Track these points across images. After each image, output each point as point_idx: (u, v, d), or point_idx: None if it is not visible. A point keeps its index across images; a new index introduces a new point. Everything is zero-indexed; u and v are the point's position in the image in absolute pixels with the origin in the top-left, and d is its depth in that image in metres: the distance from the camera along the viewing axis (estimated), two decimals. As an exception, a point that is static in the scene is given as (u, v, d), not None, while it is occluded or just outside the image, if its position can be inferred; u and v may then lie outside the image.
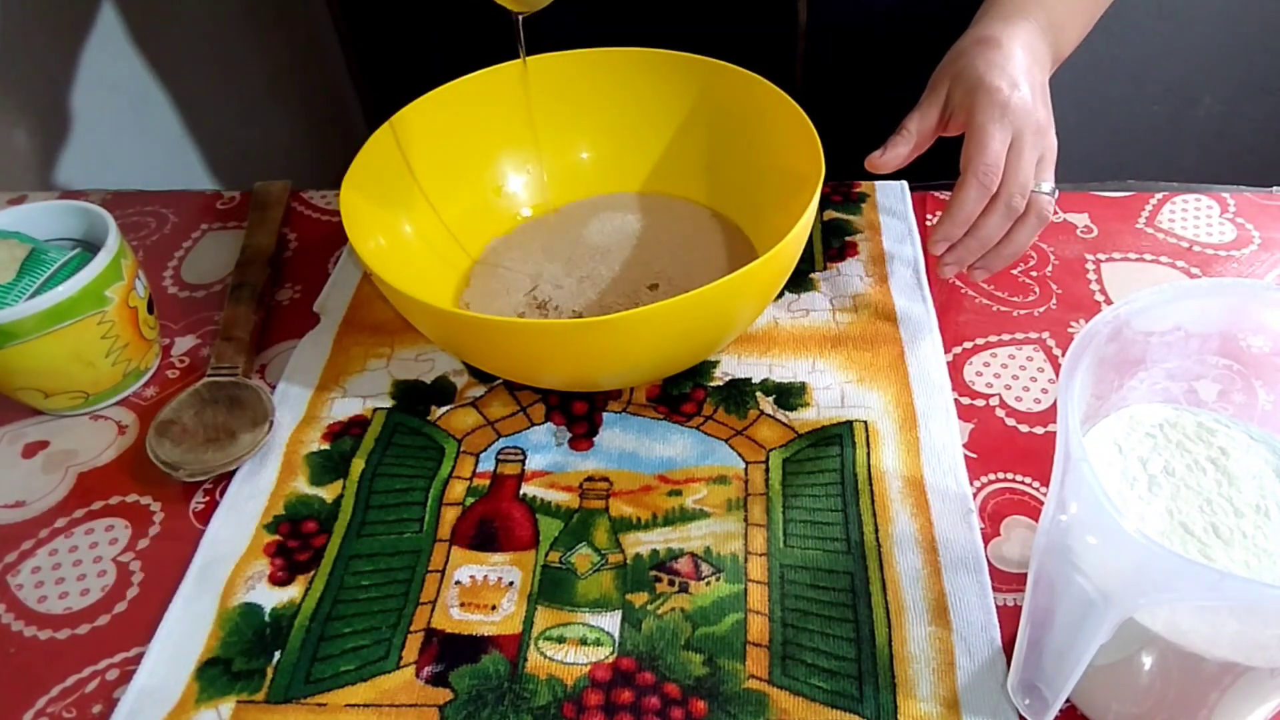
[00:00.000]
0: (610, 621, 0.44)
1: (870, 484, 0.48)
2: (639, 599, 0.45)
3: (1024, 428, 0.51)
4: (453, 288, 0.60)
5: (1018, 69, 0.51)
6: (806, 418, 0.52)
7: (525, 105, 0.62)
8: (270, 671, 0.43)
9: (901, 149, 0.52)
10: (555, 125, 0.64)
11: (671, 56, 0.60)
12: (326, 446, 0.52)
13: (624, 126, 0.64)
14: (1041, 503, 0.48)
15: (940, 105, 0.52)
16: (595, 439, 0.52)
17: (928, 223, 0.64)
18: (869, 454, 0.50)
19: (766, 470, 0.50)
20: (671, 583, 0.45)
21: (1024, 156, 0.50)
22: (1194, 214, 0.64)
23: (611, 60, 0.62)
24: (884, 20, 0.56)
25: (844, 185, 0.67)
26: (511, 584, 0.46)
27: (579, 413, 0.53)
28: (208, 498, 0.51)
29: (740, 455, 0.51)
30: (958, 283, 0.60)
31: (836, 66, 0.54)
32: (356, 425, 0.53)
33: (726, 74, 0.59)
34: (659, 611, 0.44)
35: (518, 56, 0.60)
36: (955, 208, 0.50)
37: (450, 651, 0.43)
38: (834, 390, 0.53)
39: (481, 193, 0.64)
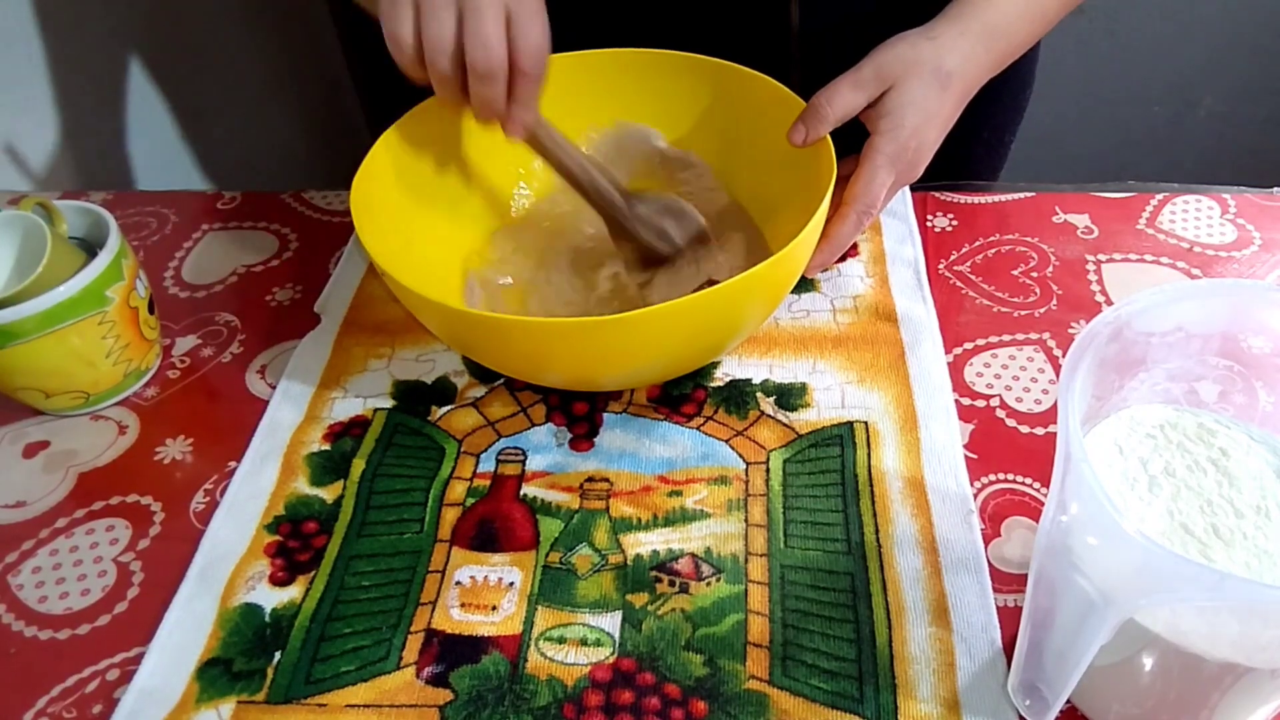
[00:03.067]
0: (610, 622, 0.44)
1: (871, 485, 0.48)
2: (639, 599, 0.45)
3: (1024, 428, 0.51)
4: (460, 286, 0.60)
5: (932, 103, 0.54)
6: (807, 418, 0.52)
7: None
8: (270, 672, 0.43)
9: (822, 132, 0.54)
10: (566, 126, 0.63)
11: (684, 58, 0.60)
12: (327, 447, 0.52)
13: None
14: (1042, 503, 0.48)
15: (864, 100, 0.54)
16: (596, 439, 0.52)
17: (928, 223, 0.64)
18: (869, 455, 0.50)
19: (767, 471, 0.50)
20: (672, 583, 0.45)
21: (893, 191, 0.56)
22: (1195, 215, 0.64)
23: (624, 61, 0.61)
24: (875, 21, 0.56)
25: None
26: (512, 584, 0.46)
27: (579, 413, 0.53)
28: (208, 498, 0.51)
29: (741, 456, 0.51)
30: (958, 284, 0.60)
31: (833, 70, 0.54)
32: (357, 425, 0.53)
33: (737, 76, 0.59)
34: (659, 612, 0.44)
35: None
36: (836, 238, 0.55)
37: (450, 652, 0.43)
38: (834, 391, 0.53)
39: (492, 192, 0.63)
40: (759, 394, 0.54)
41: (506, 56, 0.49)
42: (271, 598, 0.46)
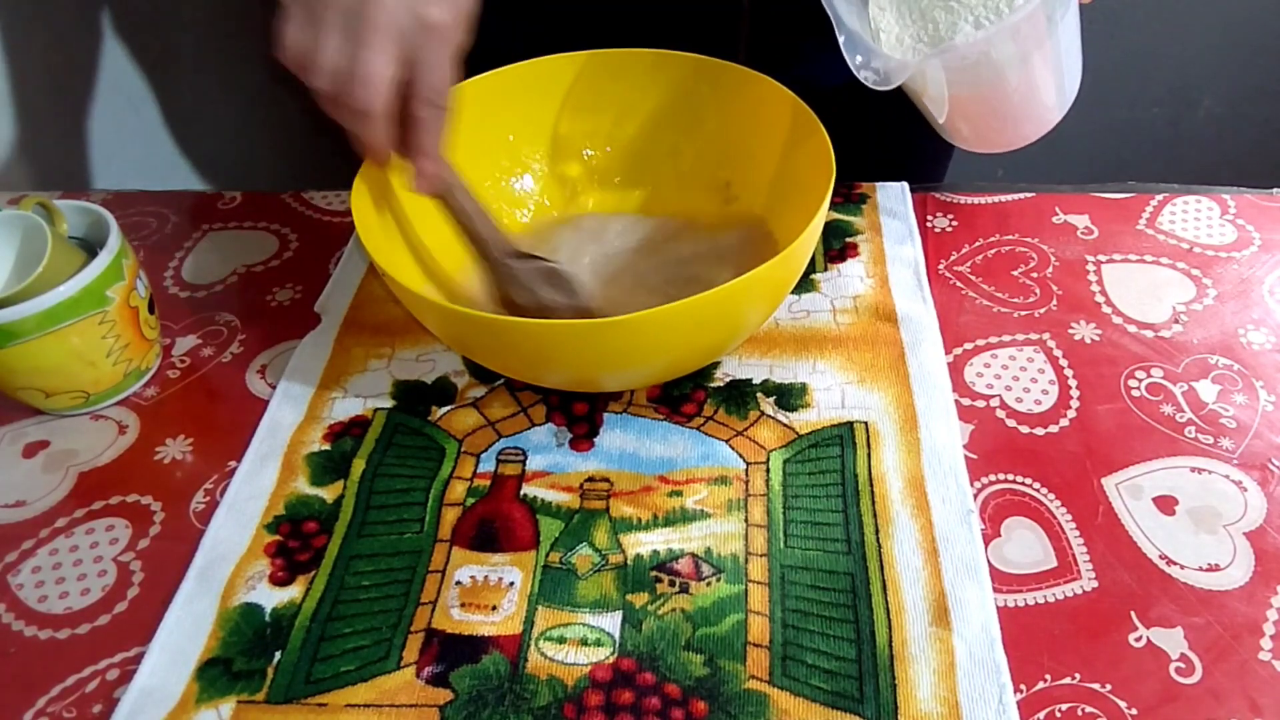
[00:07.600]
0: (611, 622, 0.44)
1: (871, 485, 0.48)
2: (639, 599, 0.45)
3: (1024, 429, 0.51)
4: (461, 285, 0.60)
5: None
6: (807, 418, 0.52)
7: (535, 107, 0.62)
8: (271, 672, 0.43)
9: None
10: (563, 126, 0.64)
11: (685, 58, 0.60)
12: (327, 447, 0.52)
13: (635, 126, 0.64)
14: (1043, 504, 0.48)
15: None
16: (596, 439, 0.52)
17: (928, 223, 0.64)
18: (869, 455, 0.50)
19: (767, 471, 0.50)
20: (672, 583, 0.45)
21: None
22: (1194, 215, 0.64)
23: (623, 61, 0.61)
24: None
25: (844, 186, 0.67)
26: (512, 584, 0.46)
27: (580, 413, 0.53)
28: (208, 498, 0.51)
29: (741, 456, 0.51)
30: (958, 284, 0.60)
31: (783, 49, 0.53)
32: (357, 425, 0.53)
33: (738, 75, 0.59)
34: (659, 612, 0.44)
35: (511, 60, 0.60)
36: None
37: (451, 652, 0.43)
38: (834, 391, 0.53)
39: (492, 192, 0.63)
40: (759, 394, 0.54)
41: (386, 100, 0.44)
42: (271, 597, 0.46)
